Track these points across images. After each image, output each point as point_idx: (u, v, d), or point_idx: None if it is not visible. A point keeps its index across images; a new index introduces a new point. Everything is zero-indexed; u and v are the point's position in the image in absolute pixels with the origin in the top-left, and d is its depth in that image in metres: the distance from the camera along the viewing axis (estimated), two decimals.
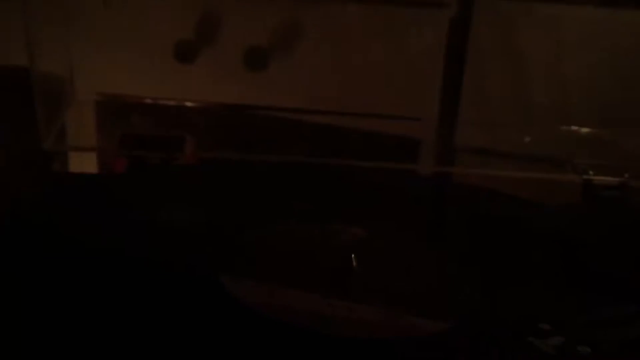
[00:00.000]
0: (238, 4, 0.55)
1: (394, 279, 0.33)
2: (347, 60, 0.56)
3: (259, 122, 0.58)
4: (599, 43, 0.51)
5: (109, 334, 0.27)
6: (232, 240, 0.36)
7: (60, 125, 0.49)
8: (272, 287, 0.32)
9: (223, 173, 0.47)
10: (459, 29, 0.54)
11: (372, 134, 0.57)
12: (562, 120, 0.54)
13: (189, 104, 0.58)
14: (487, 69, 0.55)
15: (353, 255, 0.30)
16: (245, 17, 0.55)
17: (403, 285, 0.32)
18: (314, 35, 0.55)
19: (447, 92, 0.56)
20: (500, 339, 0.28)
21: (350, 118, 0.56)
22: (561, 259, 0.36)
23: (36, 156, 0.48)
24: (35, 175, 0.47)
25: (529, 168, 0.52)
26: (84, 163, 0.54)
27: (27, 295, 0.30)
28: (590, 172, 0.42)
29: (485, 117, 0.56)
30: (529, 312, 0.30)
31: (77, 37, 0.54)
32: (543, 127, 0.54)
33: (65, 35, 0.54)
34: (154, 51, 0.56)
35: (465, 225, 0.41)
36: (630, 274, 0.34)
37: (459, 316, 0.29)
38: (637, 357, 0.26)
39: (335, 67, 0.56)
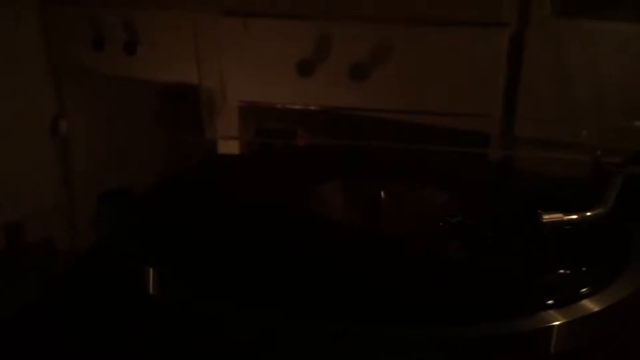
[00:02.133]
0: (344, 29, 0.67)
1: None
2: (430, 71, 0.65)
3: (361, 122, 0.69)
4: (631, 52, 0.57)
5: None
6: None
7: (213, 122, 0.66)
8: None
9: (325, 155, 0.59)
10: (517, 43, 0.62)
11: (451, 129, 0.65)
12: (600, 116, 0.59)
13: (306, 107, 0.69)
14: (539, 75, 0.62)
15: (382, 192, 0.39)
16: (350, 39, 0.67)
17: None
18: (403, 52, 0.66)
19: (509, 94, 0.65)
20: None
21: (433, 117, 0.65)
22: None
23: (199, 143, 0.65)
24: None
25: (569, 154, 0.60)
26: (229, 148, 0.70)
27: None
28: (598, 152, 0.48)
29: (538, 114, 0.63)
30: None
31: (226, 60, 0.70)
32: (585, 121, 0.60)
33: (218, 58, 0.71)
34: (281, 68, 0.69)
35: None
36: None
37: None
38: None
39: (421, 77, 0.66)
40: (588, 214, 0.34)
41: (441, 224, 0.33)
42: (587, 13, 0.61)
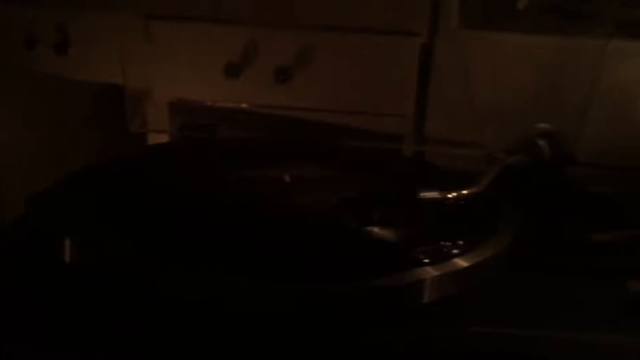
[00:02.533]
0: (269, 34, 0.70)
1: None
2: (349, 75, 0.69)
3: (285, 122, 0.72)
4: (528, 62, 0.62)
5: None
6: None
7: (141, 117, 0.68)
8: None
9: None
10: (427, 51, 0.67)
11: (367, 129, 0.69)
12: (500, 119, 0.63)
13: (233, 106, 0.73)
14: (447, 81, 0.67)
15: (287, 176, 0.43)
16: (275, 44, 0.71)
17: None
18: (325, 57, 0.70)
19: (420, 97, 0.70)
20: None
21: (351, 118, 0.69)
22: None
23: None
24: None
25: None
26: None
27: None
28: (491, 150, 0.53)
29: (446, 116, 0.68)
30: None
31: (156, 61, 0.72)
32: (487, 123, 0.64)
33: (146, 59, 0.72)
34: (210, 70, 0.72)
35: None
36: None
37: None
38: None
39: (340, 80, 0.70)
40: (464, 192, 0.38)
41: (337, 199, 0.37)
42: (490, 25, 0.66)
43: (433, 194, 0.38)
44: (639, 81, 0.57)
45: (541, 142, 0.47)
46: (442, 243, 0.36)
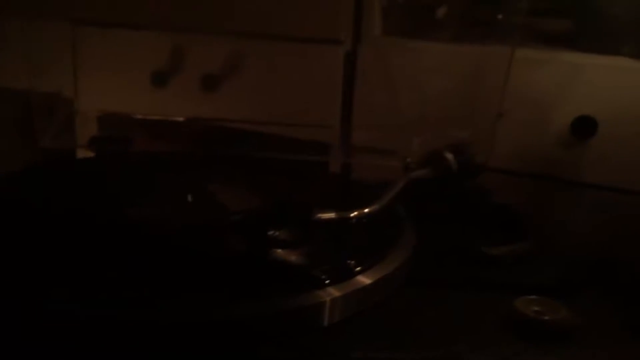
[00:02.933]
0: (196, 42, 0.69)
1: None
2: (276, 83, 0.69)
3: (211, 131, 0.72)
4: (448, 70, 0.63)
5: None
6: None
7: (56, 130, 0.67)
8: None
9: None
10: (351, 59, 0.68)
11: (296, 140, 0.69)
12: (423, 126, 0.65)
13: (159, 117, 0.72)
14: (371, 89, 0.67)
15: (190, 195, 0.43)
16: (202, 51, 0.70)
17: None
18: (252, 65, 0.69)
19: (345, 105, 0.71)
20: None
21: (279, 127, 0.69)
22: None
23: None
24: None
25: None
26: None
27: None
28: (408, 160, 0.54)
29: (371, 124, 0.69)
30: None
31: (82, 68, 0.72)
32: (411, 131, 0.65)
33: (72, 66, 0.72)
34: (137, 78, 0.71)
35: None
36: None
37: None
38: None
39: (267, 89, 0.69)
40: (365, 211, 0.39)
41: (223, 220, 0.37)
42: (411, 33, 0.67)
43: (330, 215, 0.38)
44: (546, 89, 0.58)
45: (448, 155, 0.48)
46: (341, 260, 0.36)
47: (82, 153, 0.73)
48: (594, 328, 0.34)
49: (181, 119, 0.71)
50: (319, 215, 0.37)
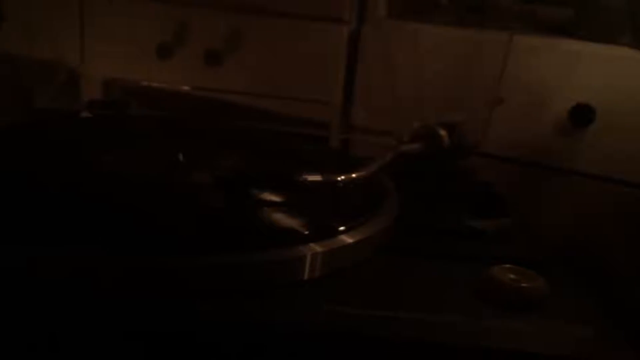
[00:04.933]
0: (200, 16, 0.71)
1: None
2: (278, 59, 0.70)
3: (213, 103, 0.73)
4: (446, 52, 0.64)
5: None
6: None
7: (54, 93, 0.68)
8: None
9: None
10: (354, 38, 0.69)
11: (295, 115, 0.70)
12: (421, 107, 0.66)
13: (164, 87, 0.73)
14: (372, 69, 0.68)
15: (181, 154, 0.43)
16: (206, 26, 0.72)
17: None
18: (254, 41, 0.71)
19: (347, 84, 0.71)
20: None
21: (279, 103, 0.70)
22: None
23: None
24: None
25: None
26: None
27: None
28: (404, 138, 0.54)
29: (371, 104, 0.69)
30: None
31: (90, 37, 0.73)
32: (409, 111, 0.67)
33: (80, 34, 0.73)
34: (143, 50, 0.72)
35: None
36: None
37: None
38: None
39: (270, 65, 0.71)
40: (352, 175, 0.40)
41: (210, 177, 0.38)
42: (414, 16, 0.68)
43: (317, 177, 0.39)
44: (543, 77, 0.59)
45: (442, 132, 0.49)
46: (327, 220, 0.37)
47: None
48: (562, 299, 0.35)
49: (184, 88, 0.73)
50: (305, 176, 0.38)
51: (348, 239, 0.37)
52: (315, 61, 0.70)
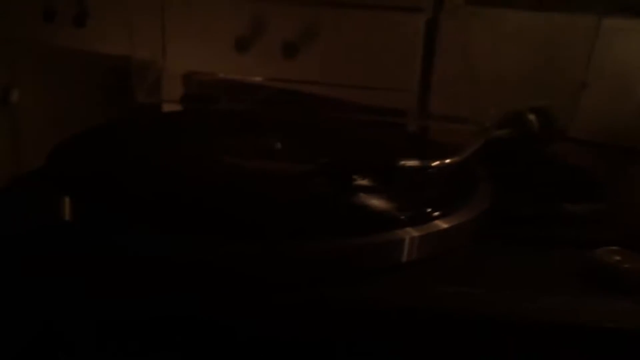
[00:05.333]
0: (277, 9, 0.72)
1: None
2: (354, 50, 0.71)
3: (290, 95, 0.74)
4: (526, 37, 0.63)
5: None
6: None
7: (150, 87, 0.71)
8: None
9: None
10: (432, 27, 0.68)
11: (372, 105, 0.70)
12: (501, 95, 0.65)
13: (243, 80, 0.75)
14: (451, 57, 0.67)
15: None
16: (282, 19, 0.73)
17: None
18: (331, 32, 0.71)
19: (425, 73, 0.71)
20: None
21: (356, 93, 0.70)
22: None
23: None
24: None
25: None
26: None
27: None
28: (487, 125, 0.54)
29: (449, 92, 0.69)
30: None
31: (169, 30, 0.75)
32: (489, 99, 0.67)
33: (160, 31, 0.75)
34: (221, 44, 0.75)
35: None
36: None
37: None
38: None
39: (346, 55, 0.71)
40: (445, 161, 0.40)
41: (313, 164, 0.39)
42: (492, 2, 0.66)
43: (413, 162, 0.39)
44: (633, 60, 0.57)
45: (531, 117, 0.48)
46: (422, 205, 0.37)
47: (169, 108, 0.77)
48: None
49: (260, 80, 0.74)
50: (402, 162, 0.39)
51: (443, 224, 0.37)
52: (391, 50, 0.70)
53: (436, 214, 0.37)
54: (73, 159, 0.43)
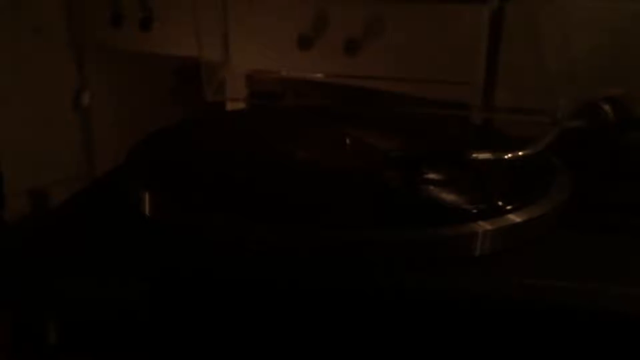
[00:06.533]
0: (339, 7, 0.72)
1: None
2: (418, 45, 0.70)
3: (353, 90, 0.75)
4: (599, 26, 0.62)
5: None
6: None
7: (216, 86, 0.72)
8: None
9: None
10: (497, 17, 0.67)
11: (436, 98, 0.70)
12: (572, 85, 0.63)
13: (307, 77, 0.75)
14: (517, 48, 0.66)
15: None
16: (344, 16, 0.73)
17: None
18: (393, 27, 0.71)
19: (490, 65, 0.70)
20: None
21: (420, 87, 0.70)
22: None
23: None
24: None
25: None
26: None
27: None
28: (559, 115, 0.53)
29: (516, 83, 0.67)
30: None
31: (233, 34, 0.76)
32: (559, 90, 0.64)
33: (224, 32, 0.76)
34: (283, 42, 0.75)
35: None
36: None
37: None
38: None
39: (409, 50, 0.71)
40: (519, 153, 0.39)
41: (384, 157, 0.39)
42: None
43: (486, 155, 0.39)
44: None
45: (605, 107, 0.47)
46: (494, 199, 0.37)
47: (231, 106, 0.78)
48: None
49: (322, 77, 0.74)
50: (475, 154, 0.38)
51: (517, 218, 0.37)
52: (455, 43, 0.69)
53: (509, 207, 0.37)
54: (156, 157, 0.44)
